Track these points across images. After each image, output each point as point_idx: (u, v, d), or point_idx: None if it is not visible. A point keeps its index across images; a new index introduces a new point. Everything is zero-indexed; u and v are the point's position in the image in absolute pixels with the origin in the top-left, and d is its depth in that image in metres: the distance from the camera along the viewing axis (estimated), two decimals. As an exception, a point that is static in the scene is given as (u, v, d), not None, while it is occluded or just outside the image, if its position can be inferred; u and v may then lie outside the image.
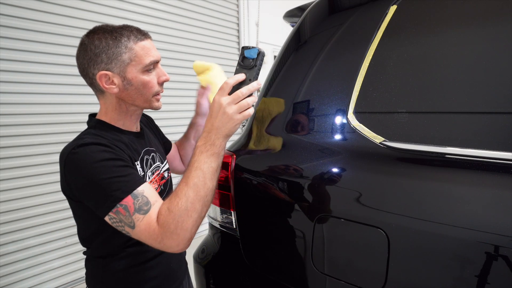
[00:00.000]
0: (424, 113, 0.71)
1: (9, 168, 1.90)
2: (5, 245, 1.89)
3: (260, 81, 0.70)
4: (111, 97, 0.78)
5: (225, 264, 1.01)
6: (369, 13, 0.87)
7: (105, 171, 0.66)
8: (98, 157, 0.67)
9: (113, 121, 0.80)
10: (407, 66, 0.76)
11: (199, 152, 0.67)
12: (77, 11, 2.15)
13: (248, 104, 0.67)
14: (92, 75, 0.75)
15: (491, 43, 0.68)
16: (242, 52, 0.71)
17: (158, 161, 0.91)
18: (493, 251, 0.55)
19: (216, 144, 0.67)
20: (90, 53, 0.73)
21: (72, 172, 0.69)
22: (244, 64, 0.71)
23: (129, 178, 0.68)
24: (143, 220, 0.65)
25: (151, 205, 0.67)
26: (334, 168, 0.77)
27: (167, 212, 0.64)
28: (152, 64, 0.77)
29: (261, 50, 0.70)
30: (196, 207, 0.65)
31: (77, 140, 0.72)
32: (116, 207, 0.65)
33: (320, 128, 0.85)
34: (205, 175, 0.66)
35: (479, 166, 0.61)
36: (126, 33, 0.74)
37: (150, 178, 0.84)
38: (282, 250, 0.85)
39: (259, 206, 0.90)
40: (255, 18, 3.52)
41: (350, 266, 0.72)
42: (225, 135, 0.68)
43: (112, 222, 0.68)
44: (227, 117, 0.66)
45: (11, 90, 1.89)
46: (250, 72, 0.70)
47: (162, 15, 2.66)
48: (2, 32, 1.83)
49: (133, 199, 0.66)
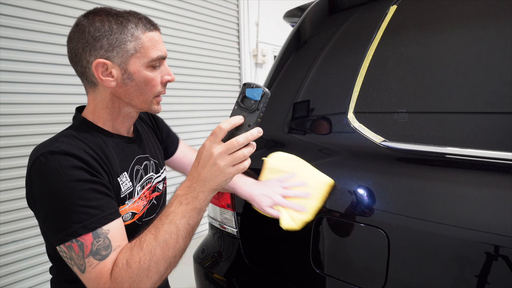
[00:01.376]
0: (424, 113, 0.71)
1: (9, 168, 1.90)
2: (5, 245, 1.89)
3: (260, 129, 0.57)
4: (104, 92, 0.66)
5: (225, 264, 1.01)
6: (369, 13, 0.87)
7: (72, 196, 0.55)
8: (68, 175, 0.56)
9: (100, 121, 0.68)
10: (407, 66, 0.76)
11: (178, 203, 0.56)
12: (77, 11, 2.15)
13: (244, 156, 0.56)
14: (86, 63, 0.63)
15: (491, 43, 0.68)
16: (243, 89, 0.59)
17: (151, 171, 0.79)
18: (493, 251, 0.55)
19: (199, 198, 0.56)
20: (88, 36, 0.61)
21: (36, 182, 0.58)
22: (244, 105, 0.59)
23: (97, 211, 0.57)
24: (96, 268, 0.55)
25: (111, 251, 0.56)
26: (334, 168, 0.77)
27: (125, 267, 0.54)
28: (158, 60, 0.66)
29: (266, 91, 0.58)
30: (160, 269, 0.55)
31: (52, 142, 0.61)
32: (71, 242, 0.55)
33: (320, 128, 0.85)
34: (179, 233, 0.55)
35: (479, 166, 0.61)
36: (134, 20, 0.64)
37: (139, 194, 0.73)
38: (282, 250, 0.85)
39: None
40: (255, 18, 3.52)
41: (350, 266, 0.72)
42: (212, 189, 0.57)
43: (62, 255, 0.58)
44: (218, 169, 0.55)
45: (11, 90, 1.89)
46: (250, 116, 0.58)
47: (162, 15, 2.66)
48: (2, 32, 1.83)
49: (93, 239, 0.55)
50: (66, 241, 0.55)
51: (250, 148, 0.57)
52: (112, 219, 0.59)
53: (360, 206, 0.70)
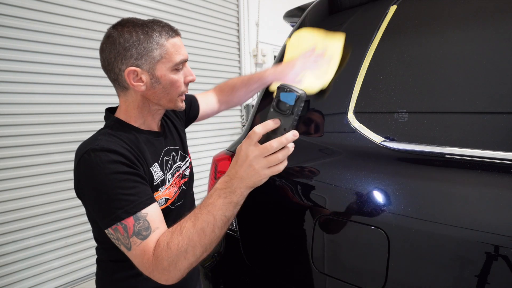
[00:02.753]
0: (424, 113, 0.71)
1: (9, 168, 1.90)
2: (5, 245, 1.89)
3: (296, 132, 0.58)
4: (135, 95, 0.74)
5: (226, 264, 1.01)
6: (369, 13, 0.87)
7: (113, 186, 0.64)
8: (109, 169, 0.64)
9: (133, 119, 0.77)
10: (407, 66, 0.76)
11: (217, 196, 0.61)
12: (77, 11, 2.15)
13: (278, 160, 0.58)
14: (118, 71, 0.71)
15: (491, 43, 0.68)
16: (277, 93, 0.59)
17: (179, 161, 0.88)
18: (493, 251, 0.55)
19: (236, 193, 0.61)
20: (119, 47, 0.69)
21: (83, 177, 0.67)
22: (279, 109, 0.59)
23: (135, 198, 0.65)
24: (139, 246, 0.63)
25: (151, 231, 0.64)
26: (334, 168, 0.77)
27: (165, 248, 0.61)
28: (181, 63, 0.74)
29: (300, 94, 0.57)
30: (196, 253, 0.61)
31: (93, 140, 0.69)
32: (116, 225, 0.64)
33: (320, 128, 0.85)
34: (216, 223, 0.60)
35: (479, 166, 0.61)
36: (158, 28, 0.71)
37: (170, 181, 0.81)
38: (282, 250, 0.85)
39: (259, 206, 0.90)
40: (255, 18, 3.52)
41: (350, 266, 0.72)
42: (248, 186, 0.61)
43: (110, 237, 0.66)
44: (253, 170, 0.59)
45: (11, 90, 1.89)
46: (286, 120, 0.58)
47: (162, 15, 2.66)
48: (2, 32, 1.83)
49: (135, 221, 0.63)
50: (112, 224, 0.64)
51: (286, 151, 0.59)
52: (149, 204, 0.66)
53: (360, 206, 0.70)
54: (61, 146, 2.10)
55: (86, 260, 2.24)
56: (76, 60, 2.14)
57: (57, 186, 2.09)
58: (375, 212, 0.67)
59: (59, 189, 2.09)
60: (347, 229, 0.72)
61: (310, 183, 0.79)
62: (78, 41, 2.15)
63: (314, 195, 0.78)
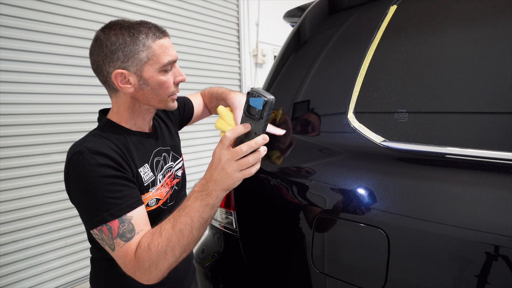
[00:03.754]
0: (424, 113, 0.71)
1: (9, 168, 1.90)
2: (5, 245, 1.89)
3: (266, 136, 0.60)
4: (125, 97, 0.75)
5: (225, 264, 1.01)
6: (369, 13, 0.87)
7: (100, 189, 0.65)
8: (96, 172, 0.65)
9: (124, 120, 0.78)
10: (407, 66, 0.76)
11: (194, 198, 0.64)
12: (77, 11, 2.15)
13: (249, 163, 0.60)
14: (106, 73, 0.71)
15: (491, 43, 0.68)
16: (247, 98, 0.60)
17: (170, 161, 0.88)
18: (493, 251, 0.55)
19: (212, 195, 0.63)
20: (105, 49, 0.69)
21: (71, 178, 0.69)
22: (250, 114, 0.60)
23: (121, 201, 0.66)
24: (122, 247, 0.65)
25: (135, 234, 0.66)
26: (334, 168, 0.77)
27: (146, 249, 0.63)
28: (169, 64, 0.74)
29: (268, 99, 0.58)
30: (175, 253, 0.63)
31: (82, 142, 0.70)
32: (101, 226, 0.65)
33: (320, 128, 0.85)
34: (193, 225, 0.63)
35: (479, 166, 0.61)
36: (144, 30, 0.71)
37: (161, 182, 0.82)
38: (282, 250, 0.85)
39: (259, 206, 0.90)
40: (255, 18, 3.52)
41: (350, 266, 0.72)
42: (223, 189, 0.63)
43: (95, 237, 0.69)
44: (226, 173, 0.61)
45: (11, 90, 1.89)
46: (256, 124, 0.60)
47: (162, 15, 2.66)
48: (2, 32, 1.83)
49: (119, 224, 0.65)
50: (97, 226, 0.66)
51: (257, 154, 0.60)
52: (135, 207, 0.68)
53: (360, 206, 0.70)
54: (61, 146, 2.10)
55: (86, 260, 2.24)
56: (76, 60, 2.14)
57: (57, 186, 2.09)
58: (375, 212, 0.68)
59: (59, 189, 2.09)
60: (347, 229, 0.72)
61: (310, 183, 0.79)
62: (78, 41, 2.15)
63: (314, 195, 0.78)
